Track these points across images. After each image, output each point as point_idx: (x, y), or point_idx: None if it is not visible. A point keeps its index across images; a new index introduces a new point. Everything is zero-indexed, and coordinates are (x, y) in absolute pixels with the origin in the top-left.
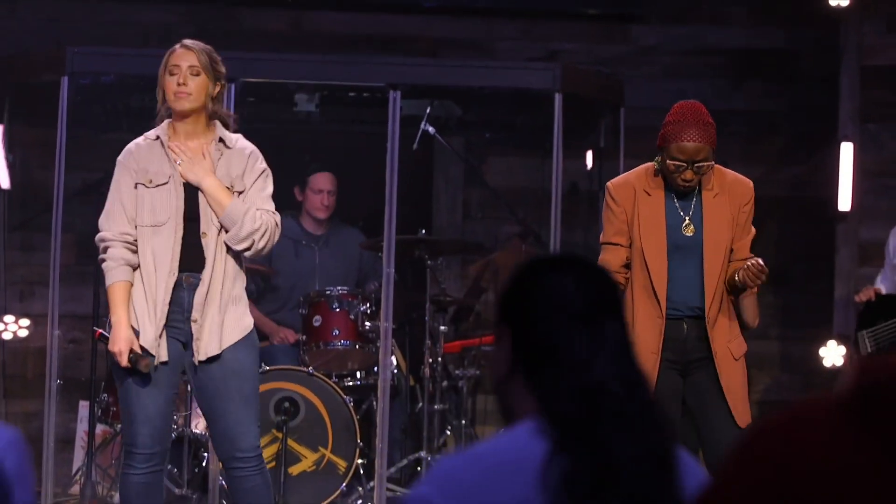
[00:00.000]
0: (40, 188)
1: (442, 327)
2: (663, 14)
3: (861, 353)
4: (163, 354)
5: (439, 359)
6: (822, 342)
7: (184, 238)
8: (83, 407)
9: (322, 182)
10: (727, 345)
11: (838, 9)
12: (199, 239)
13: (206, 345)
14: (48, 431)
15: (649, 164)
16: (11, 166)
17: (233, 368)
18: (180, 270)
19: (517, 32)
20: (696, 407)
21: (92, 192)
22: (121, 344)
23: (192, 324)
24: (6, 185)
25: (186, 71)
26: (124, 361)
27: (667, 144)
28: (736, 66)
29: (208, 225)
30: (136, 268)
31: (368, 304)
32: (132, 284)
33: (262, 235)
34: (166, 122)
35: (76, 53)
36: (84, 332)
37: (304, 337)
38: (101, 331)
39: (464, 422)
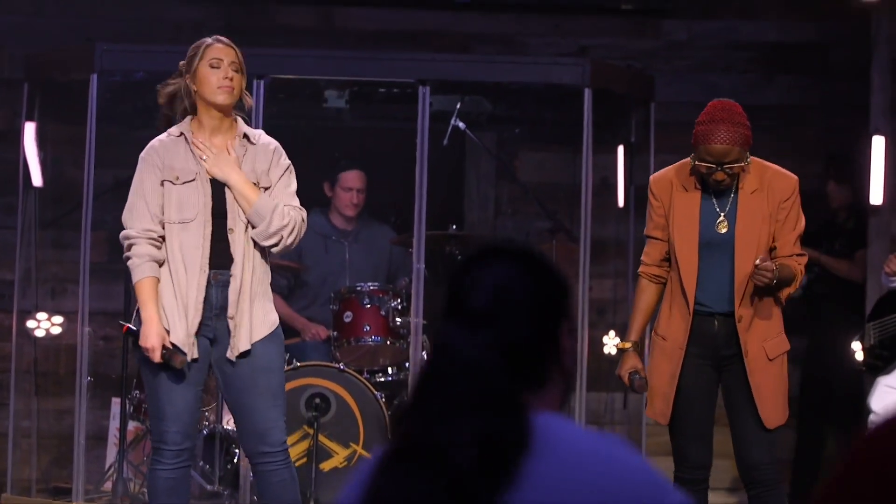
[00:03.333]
0: (72, 185)
1: None
2: (694, 8)
3: (865, 344)
4: (195, 352)
5: None
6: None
7: (212, 235)
8: (115, 404)
9: (352, 180)
10: (762, 344)
11: (869, 2)
12: (227, 235)
13: (239, 341)
14: (79, 428)
15: (689, 158)
16: (43, 164)
17: (262, 364)
18: (210, 268)
19: (547, 28)
20: (727, 405)
21: (123, 189)
22: (153, 340)
23: (229, 321)
24: (38, 182)
25: (229, 66)
26: (157, 357)
27: (697, 145)
28: (767, 61)
29: (235, 221)
30: (161, 264)
31: (399, 300)
32: (159, 280)
33: (291, 232)
34: (188, 118)
35: (105, 51)
36: (115, 330)
37: (335, 333)
38: (128, 325)
39: None
